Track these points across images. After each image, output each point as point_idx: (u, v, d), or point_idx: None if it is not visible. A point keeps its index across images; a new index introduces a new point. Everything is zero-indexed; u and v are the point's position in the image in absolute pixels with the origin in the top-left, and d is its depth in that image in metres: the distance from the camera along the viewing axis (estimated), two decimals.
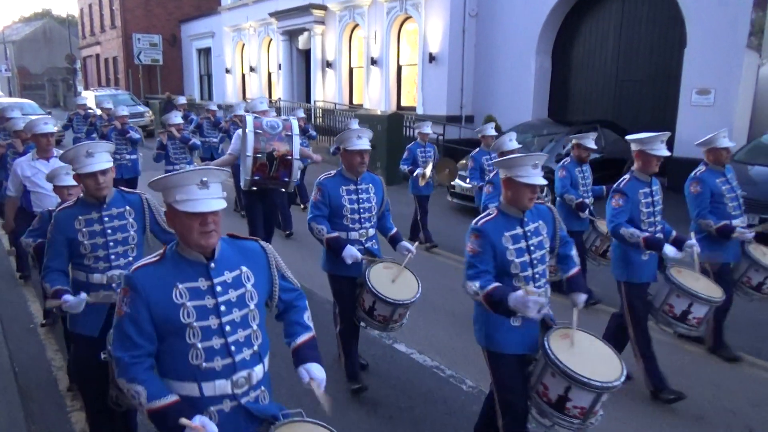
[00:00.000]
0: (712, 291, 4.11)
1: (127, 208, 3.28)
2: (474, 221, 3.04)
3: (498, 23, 15.12)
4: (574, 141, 6.21)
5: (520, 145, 6.26)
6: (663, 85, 12.79)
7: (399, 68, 17.67)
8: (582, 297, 3.18)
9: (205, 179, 2.04)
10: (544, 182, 2.95)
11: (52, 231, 3.18)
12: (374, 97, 18.19)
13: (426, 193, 8.13)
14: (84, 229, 3.16)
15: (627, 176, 4.35)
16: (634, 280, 4.31)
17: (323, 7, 19.48)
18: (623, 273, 4.35)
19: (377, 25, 17.66)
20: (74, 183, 3.71)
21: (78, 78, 40.78)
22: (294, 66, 22.08)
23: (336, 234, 4.01)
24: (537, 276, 3.04)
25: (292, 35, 21.65)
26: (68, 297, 3.01)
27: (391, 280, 3.93)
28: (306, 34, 20.80)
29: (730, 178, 4.91)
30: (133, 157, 8.76)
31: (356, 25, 18.82)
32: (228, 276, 2.17)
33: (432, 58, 15.81)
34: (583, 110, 14.54)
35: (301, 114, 10.10)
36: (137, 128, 8.68)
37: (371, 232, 4.19)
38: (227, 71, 26.59)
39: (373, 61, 18.01)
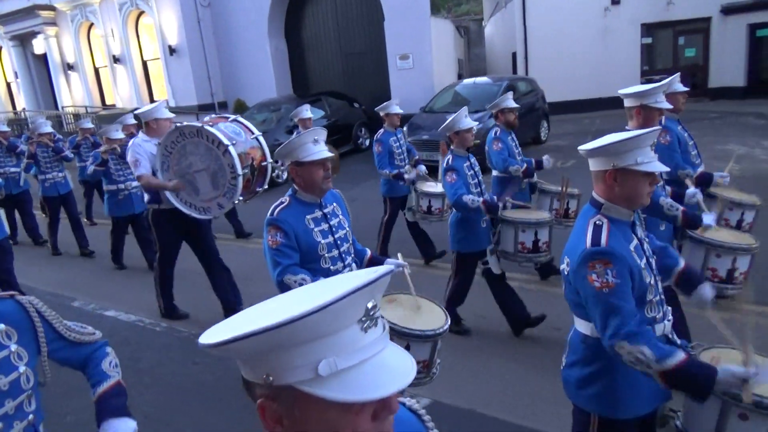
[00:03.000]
0: (744, 238, 3.61)
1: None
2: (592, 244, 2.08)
3: (230, 11, 15.98)
4: (493, 111, 5.39)
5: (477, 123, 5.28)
6: (376, 54, 14.86)
7: (144, 63, 17.67)
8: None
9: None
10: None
11: None
12: (125, 95, 17.98)
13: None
14: None
15: None
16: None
17: (51, 8, 18.49)
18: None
19: (112, 22, 17.38)
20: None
21: None
22: (33, 72, 20.61)
23: (321, 279, 2.64)
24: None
25: (23, 40, 20.12)
26: None
27: (412, 310, 2.91)
28: (39, 37, 19.52)
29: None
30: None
31: (91, 24, 18.25)
32: None
33: (172, 50, 16.17)
34: (321, 83, 16.17)
35: (48, 128, 8.39)
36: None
37: (354, 267, 3.11)
38: None
39: (116, 59, 17.74)
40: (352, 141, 13.50)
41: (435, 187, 5.90)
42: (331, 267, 2.96)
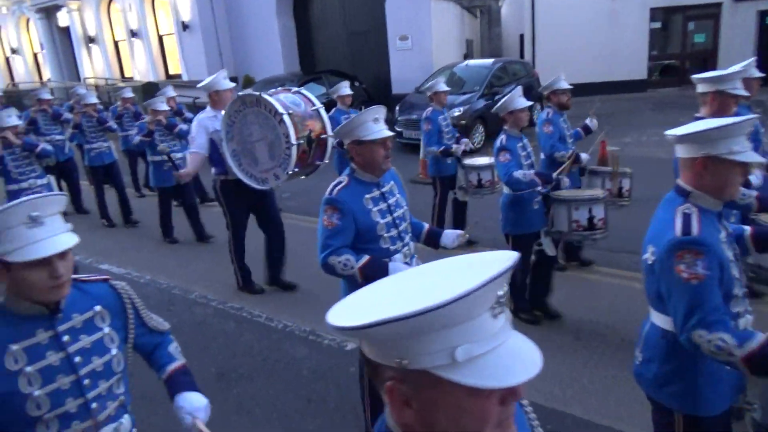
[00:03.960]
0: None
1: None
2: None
3: None
4: (545, 92, 5.35)
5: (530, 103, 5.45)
6: (377, 34, 15.15)
7: (160, 38, 18.27)
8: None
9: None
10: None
11: None
12: (142, 69, 18.66)
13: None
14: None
15: None
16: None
17: None
18: None
19: None
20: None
21: None
22: (57, 44, 21.44)
23: (367, 258, 2.78)
24: None
25: (48, 12, 20.92)
26: None
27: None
28: (63, 10, 20.28)
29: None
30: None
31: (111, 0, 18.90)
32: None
33: (185, 26, 16.73)
34: (327, 61, 16.56)
35: (93, 99, 8.41)
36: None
37: (412, 246, 3.07)
38: None
39: (134, 33, 18.39)
40: None
41: (480, 160, 5.93)
42: (390, 247, 2.90)
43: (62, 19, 20.75)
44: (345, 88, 6.69)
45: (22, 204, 1.54)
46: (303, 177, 4.84)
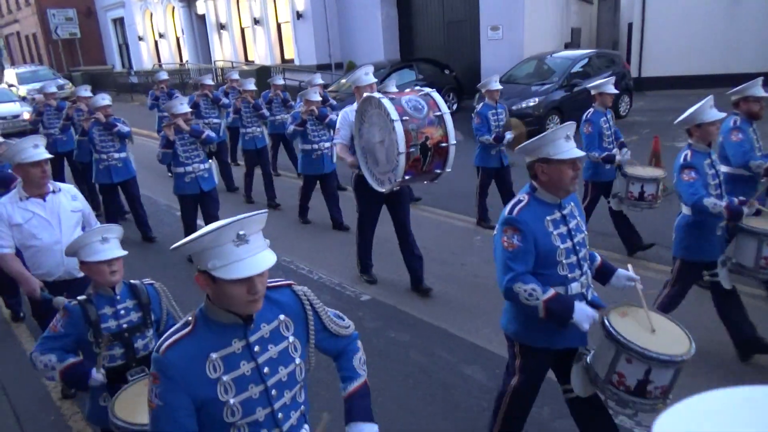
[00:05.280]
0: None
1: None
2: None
3: None
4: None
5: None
6: (472, 24, 15.55)
7: (278, 26, 19.98)
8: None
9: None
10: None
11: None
12: (262, 54, 20.55)
13: (496, 167, 7.00)
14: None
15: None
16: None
17: None
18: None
19: None
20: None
21: (3, 56, 41.42)
22: (195, 30, 24.10)
23: (553, 292, 2.67)
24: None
25: (189, 2, 23.55)
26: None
27: (646, 328, 2.64)
28: None
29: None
30: (123, 155, 7.28)
31: None
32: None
33: (299, 15, 18.21)
34: (425, 49, 17.26)
35: (251, 86, 9.04)
36: (123, 120, 7.35)
37: (590, 275, 2.93)
38: (140, 39, 28.30)
39: (256, 21, 20.26)
40: None
41: (645, 170, 5.67)
42: (568, 274, 2.74)
43: (200, 7, 23.28)
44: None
45: (232, 224, 1.62)
46: (426, 183, 4.82)
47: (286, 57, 20.03)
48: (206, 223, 6.04)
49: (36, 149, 3.68)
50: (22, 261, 3.76)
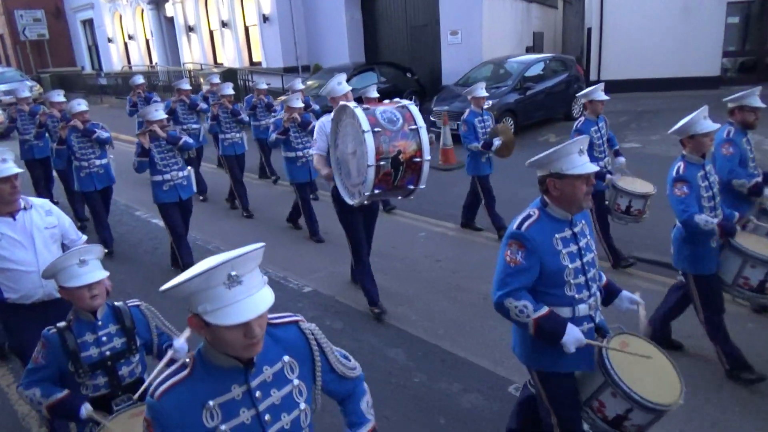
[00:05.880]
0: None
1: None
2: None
3: None
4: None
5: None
6: (433, 29, 15.90)
7: (246, 29, 20.12)
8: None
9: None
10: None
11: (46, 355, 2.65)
12: (230, 56, 20.67)
13: (489, 173, 6.95)
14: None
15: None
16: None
17: None
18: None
19: None
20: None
21: None
22: (164, 32, 24.09)
23: (547, 309, 2.62)
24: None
25: (158, 4, 23.55)
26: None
27: (642, 363, 2.59)
28: (170, 1, 22.75)
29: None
30: (104, 161, 7.15)
31: None
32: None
33: (266, 18, 18.39)
34: (389, 53, 17.57)
35: (229, 90, 8.78)
36: (102, 125, 7.23)
37: (599, 297, 2.83)
38: (110, 41, 28.18)
39: (224, 24, 20.38)
40: None
41: (634, 183, 5.55)
42: (576, 295, 2.65)
43: (169, 10, 23.30)
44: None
45: (222, 265, 1.47)
46: (399, 198, 4.63)
47: (254, 60, 20.18)
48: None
49: (4, 164, 3.33)
50: None
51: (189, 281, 1.46)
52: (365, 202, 4.40)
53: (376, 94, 7.35)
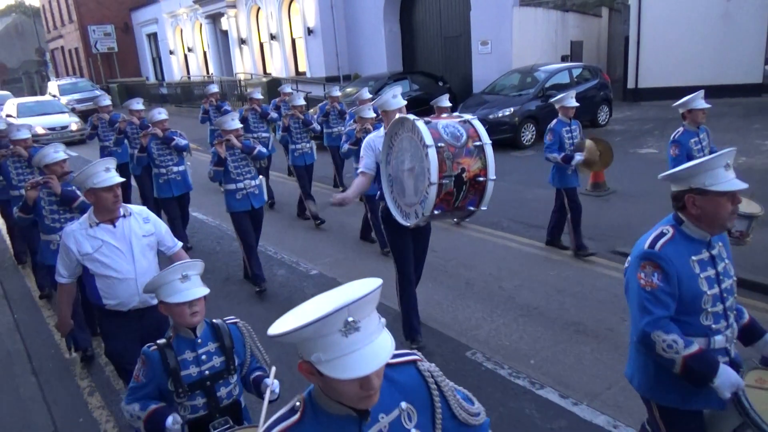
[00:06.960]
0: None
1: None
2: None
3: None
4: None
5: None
6: (465, 40, 16.46)
7: (293, 41, 21.25)
8: None
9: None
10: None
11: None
12: (278, 66, 21.87)
13: (575, 185, 6.45)
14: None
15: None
16: None
17: None
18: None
19: (272, 6, 21.24)
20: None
21: (49, 69, 44.14)
22: (219, 45, 25.68)
23: (698, 347, 2.31)
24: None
25: (214, 18, 25.16)
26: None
27: None
28: (225, 16, 24.27)
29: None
30: (182, 168, 7.21)
31: (259, 8, 22.39)
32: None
33: (310, 31, 19.43)
34: (425, 63, 18.24)
35: (300, 101, 8.81)
36: (181, 132, 7.34)
37: (736, 328, 2.53)
38: (171, 53, 30.14)
39: (273, 37, 21.60)
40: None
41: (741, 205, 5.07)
42: (713, 325, 2.39)
43: (224, 24, 24.82)
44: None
45: (338, 312, 1.29)
46: (455, 221, 4.34)
47: (300, 70, 21.28)
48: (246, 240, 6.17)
49: (108, 173, 3.38)
50: (94, 288, 3.45)
51: (301, 329, 1.29)
52: (421, 224, 4.08)
53: (448, 104, 7.18)
